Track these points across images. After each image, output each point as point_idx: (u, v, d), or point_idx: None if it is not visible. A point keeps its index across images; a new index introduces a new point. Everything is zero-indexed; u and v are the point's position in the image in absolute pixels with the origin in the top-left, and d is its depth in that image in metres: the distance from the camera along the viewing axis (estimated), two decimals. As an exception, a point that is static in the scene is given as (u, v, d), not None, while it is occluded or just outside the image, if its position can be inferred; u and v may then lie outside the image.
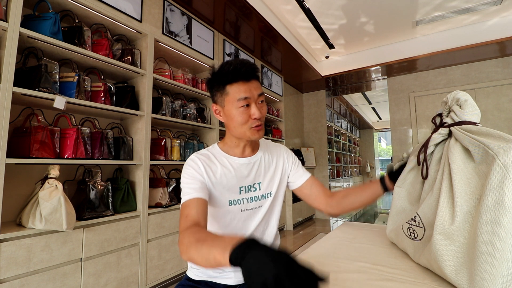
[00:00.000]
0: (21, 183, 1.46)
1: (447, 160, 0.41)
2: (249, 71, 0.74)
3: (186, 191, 0.72)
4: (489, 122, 3.48)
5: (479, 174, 0.36)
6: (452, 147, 0.41)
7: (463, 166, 0.37)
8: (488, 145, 0.34)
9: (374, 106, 6.71)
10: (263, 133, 0.78)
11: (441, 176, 0.42)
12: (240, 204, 0.80)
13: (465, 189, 0.36)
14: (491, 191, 0.33)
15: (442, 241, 0.37)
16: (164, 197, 1.95)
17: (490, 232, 0.32)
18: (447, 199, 0.38)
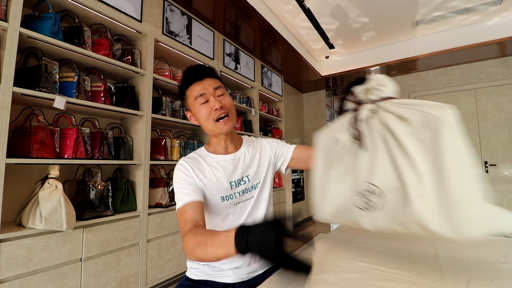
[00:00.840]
0: (21, 183, 1.46)
1: (388, 130, 0.45)
2: (199, 72, 0.82)
3: (179, 197, 0.76)
4: (489, 122, 3.48)
5: (418, 138, 0.41)
6: (388, 120, 0.46)
7: (405, 132, 0.43)
8: (431, 110, 0.41)
9: (374, 106, 6.71)
10: (231, 124, 0.82)
11: (385, 145, 0.46)
12: (233, 198, 0.83)
13: (418, 151, 0.42)
14: (449, 147, 0.40)
15: (419, 202, 0.42)
16: (164, 197, 1.95)
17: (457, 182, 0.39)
18: (406, 164, 0.43)
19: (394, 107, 0.46)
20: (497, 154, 3.42)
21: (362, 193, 0.48)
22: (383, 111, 0.47)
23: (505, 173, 3.37)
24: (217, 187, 0.82)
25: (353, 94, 0.52)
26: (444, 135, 0.41)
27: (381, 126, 0.47)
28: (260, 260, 0.47)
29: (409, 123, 0.44)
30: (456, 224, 0.39)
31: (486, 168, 3.46)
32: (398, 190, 0.44)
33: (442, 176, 0.41)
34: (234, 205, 0.84)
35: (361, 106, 0.49)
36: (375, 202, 0.46)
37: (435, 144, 0.41)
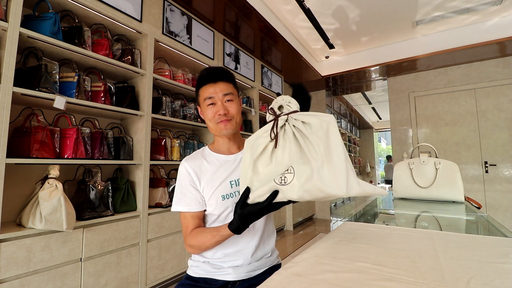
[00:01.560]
0: (21, 183, 1.46)
1: (298, 130, 0.67)
2: (215, 74, 0.86)
3: (184, 203, 0.85)
4: (489, 122, 3.48)
5: (317, 134, 0.64)
6: (296, 124, 0.68)
7: (308, 131, 0.65)
8: (322, 118, 0.65)
9: (374, 106, 6.71)
10: (231, 127, 0.86)
11: (295, 140, 0.67)
12: (233, 197, 0.85)
13: (317, 142, 0.63)
14: (333, 138, 0.63)
15: (319, 173, 0.61)
16: (164, 197, 1.95)
17: (338, 158, 0.61)
18: (312, 150, 0.63)
19: (300, 116, 0.68)
20: (497, 154, 3.42)
21: (282, 173, 0.66)
22: (293, 120, 0.69)
23: (505, 173, 3.37)
24: (218, 186, 0.85)
25: (272, 110, 0.73)
26: (331, 132, 0.64)
27: (293, 128, 0.68)
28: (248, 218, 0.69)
29: (310, 126, 0.66)
30: (342, 187, 0.59)
31: (486, 168, 3.46)
32: (305, 167, 0.63)
33: (331, 155, 0.62)
34: (234, 203, 0.84)
35: (279, 117, 0.71)
36: (287, 178, 0.65)
37: (326, 137, 0.64)
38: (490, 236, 0.77)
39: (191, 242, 0.81)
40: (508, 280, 0.47)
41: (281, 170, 0.66)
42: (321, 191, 0.60)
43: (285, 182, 0.65)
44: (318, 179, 0.61)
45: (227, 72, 0.88)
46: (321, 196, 0.61)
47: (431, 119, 3.87)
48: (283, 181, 0.65)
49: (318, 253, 0.62)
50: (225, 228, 0.73)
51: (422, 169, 1.44)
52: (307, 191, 0.62)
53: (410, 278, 0.48)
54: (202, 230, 0.80)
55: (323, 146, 0.62)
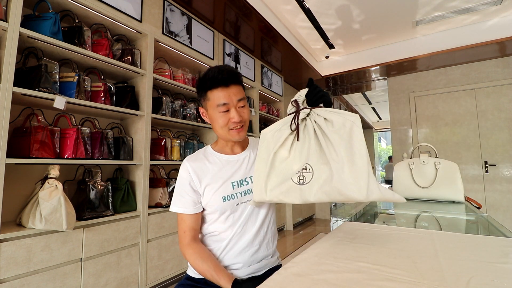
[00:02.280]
0: (21, 183, 1.46)
1: (319, 127, 0.65)
2: (228, 77, 0.79)
3: (181, 204, 0.84)
4: (489, 122, 3.48)
5: (338, 134, 0.61)
6: (318, 120, 0.65)
7: (330, 129, 0.63)
8: (347, 117, 0.62)
9: (374, 106, 6.71)
10: (244, 134, 0.84)
11: (315, 137, 0.65)
12: (234, 198, 0.84)
13: (338, 142, 0.61)
14: (357, 139, 0.60)
15: (339, 175, 0.59)
16: (164, 197, 1.95)
17: (361, 161, 0.59)
18: (331, 150, 0.61)
19: (323, 112, 0.65)
20: (497, 154, 3.42)
21: (300, 172, 0.64)
22: (315, 115, 0.66)
23: (505, 173, 3.37)
24: (219, 187, 0.83)
25: (296, 102, 0.71)
26: (355, 132, 0.61)
27: (314, 124, 0.66)
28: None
29: (332, 123, 0.63)
30: (362, 190, 0.56)
31: (486, 168, 3.46)
32: (325, 168, 0.62)
33: (353, 158, 0.59)
34: (235, 205, 0.84)
35: (301, 110, 0.69)
36: (306, 178, 0.63)
37: (349, 137, 0.61)
38: (490, 236, 0.77)
39: (187, 256, 0.81)
40: (508, 280, 0.47)
41: (298, 166, 0.64)
42: (341, 194, 0.58)
43: (304, 181, 0.63)
44: (338, 181, 0.58)
45: (238, 73, 0.83)
46: (339, 199, 0.59)
47: (431, 119, 3.87)
48: (301, 181, 0.63)
49: (318, 253, 0.62)
50: (226, 282, 0.73)
51: (422, 169, 1.44)
52: (325, 193, 0.60)
53: (410, 278, 0.48)
54: (203, 257, 0.79)
55: (344, 147, 0.60)
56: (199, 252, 0.80)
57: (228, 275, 0.76)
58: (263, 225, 0.88)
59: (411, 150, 3.02)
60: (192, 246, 0.82)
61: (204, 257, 0.79)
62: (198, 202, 0.85)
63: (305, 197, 0.62)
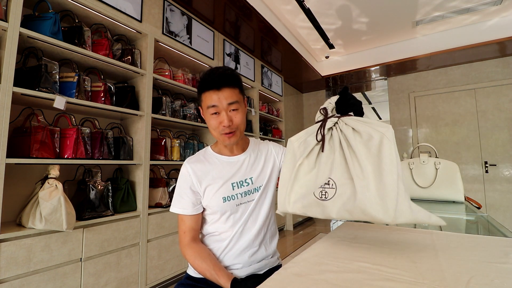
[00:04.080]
0: (21, 183, 1.46)
1: (345, 138, 0.61)
2: (220, 80, 0.78)
3: (181, 205, 0.85)
4: (489, 122, 3.48)
5: (366, 146, 0.57)
6: (345, 130, 0.61)
7: (357, 141, 0.58)
8: (377, 128, 0.58)
9: (374, 106, 6.70)
10: (235, 139, 0.82)
11: (341, 149, 0.61)
12: (235, 199, 0.84)
13: (366, 156, 0.56)
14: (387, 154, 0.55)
15: (363, 193, 0.55)
16: (164, 197, 1.95)
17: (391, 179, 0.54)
18: (356, 165, 0.57)
19: (351, 122, 0.61)
20: (497, 154, 3.42)
21: (323, 186, 0.61)
22: (343, 124, 0.63)
23: (505, 173, 3.37)
24: (219, 188, 0.84)
25: (325, 110, 0.68)
26: (385, 146, 0.56)
27: (341, 135, 0.62)
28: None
29: (360, 135, 0.59)
30: (389, 212, 0.52)
31: (486, 168, 3.46)
32: (349, 184, 0.58)
33: (381, 174, 0.55)
34: (236, 206, 0.85)
35: (328, 118, 0.65)
36: (328, 193, 0.60)
37: (378, 151, 0.56)
38: (490, 236, 0.77)
39: (186, 256, 0.82)
40: (508, 280, 0.47)
41: (322, 180, 0.61)
42: (365, 214, 0.54)
43: (326, 197, 0.60)
44: (362, 200, 0.54)
45: (232, 76, 0.80)
46: (364, 219, 0.55)
47: (431, 119, 3.87)
48: (323, 196, 0.60)
49: (318, 253, 0.62)
50: (225, 281, 0.73)
51: (422, 169, 1.44)
52: (348, 211, 0.56)
53: (410, 278, 0.48)
54: (203, 257, 0.79)
55: (372, 161, 0.55)
56: (199, 252, 0.81)
57: (227, 274, 0.76)
58: (263, 226, 0.88)
59: (411, 150, 3.02)
60: (191, 246, 0.82)
61: (203, 256, 0.80)
62: (198, 203, 0.86)
63: (327, 213, 0.59)
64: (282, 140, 3.78)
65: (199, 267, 0.79)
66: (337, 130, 0.63)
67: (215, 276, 0.75)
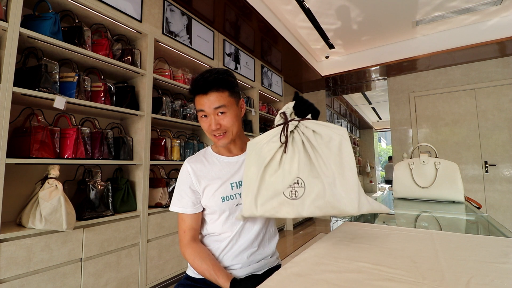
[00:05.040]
0: (21, 183, 1.46)
1: (307, 140, 0.65)
2: (206, 85, 0.78)
3: (181, 204, 0.86)
4: (489, 122, 3.48)
5: (328, 147, 0.62)
6: (306, 132, 0.65)
7: (319, 142, 0.63)
8: (335, 130, 0.63)
9: (374, 106, 6.71)
10: (226, 141, 0.83)
11: (305, 150, 0.65)
12: (233, 199, 0.85)
13: (328, 155, 0.61)
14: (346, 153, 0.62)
15: (331, 189, 0.60)
16: (164, 197, 1.95)
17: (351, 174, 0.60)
18: (322, 164, 0.62)
19: (311, 125, 0.66)
20: (497, 154, 3.42)
21: (292, 186, 0.63)
22: (303, 127, 0.67)
23: (505, 173, 3.37)
24: (218, 187, 0.84)
25: (284, 114, 0.71)
26: (344, 146, 0.62)
27: (303, 136, 0.66)
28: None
29: (321, 136, 0.64)
30: (354, 204, 0.58)
31: (486, 168, 3.46)
32: (315, 182, 0.61)
33: (343, 172, 0.60)
34: (234, 206, 0.85)
35: (289, 122, 0.68)
36: (298, 192, 0.62)
37: (338, 151, 0.62)
38: (490, 236, 0.77)
39: (186, 255, 0.83)
40: (508, 280, 0.47)
41: (289, 180, 0.63)
42: (334, 208, 0.59)
43: (296, 196, 0.62)
44: (331, 195, 0.59)
45: (219, 80, 0.79)
46: (332, 213, 0.60)
47: (431, 119, 3.87)
48: (293, 195, 0.62)
49: (318, 253, 0.62)
50: (225, 281, 0.73)
51: (422, 169, 1.44)
52: (318, 207, 0.60)
53: (410, 278, 0.48)
54: (202, 257, 0.80)
55: (334, 160, 0.61)
56: (198, 252, 0.81)
57: (226, 274, 0.76)
58: (263, 227, 0.88)
59: (411, 150, 3.02)
60: (191, 246, 0.83)
61: (203, 256, 0.80)
62: (198, 202, 0.86)
63: (298, 212, 0.62)
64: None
65: (199, 267, 0.79)
66: (298, 132, 0.67)
67: (214, 276, 0.76)
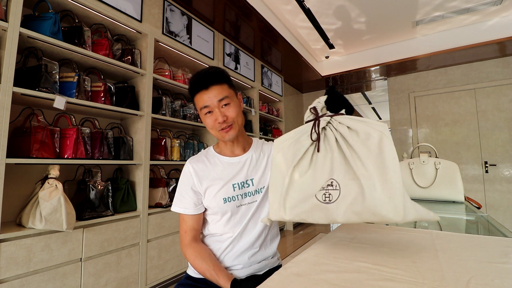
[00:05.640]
0: (21, 183, 1.46)
1: (342, 137, 0.59)
2: (205, 80, 0.80)
3: (182, 205, 0.85)
4: (489, 122, 3.48)
5: (365, 145, 0.55)
6: (340, 129, 0.59)
7: (355, 140, 0.57)
8: (374, 126, 0.57)
9: (374, 106, 6.71)
10: (233, 133, 0.83)
11: (339, 149, 0.58)
12: (235, 200, 0.84)
13: (366, 155, 0.54)
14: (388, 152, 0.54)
15: (371, 193, 0.53)
16: (164, 197, 1.95)
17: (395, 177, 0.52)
18: (359, 164, 0.55)
19: (345, 120, 0.60)
20: (497, 154, 3.42)
21: (326, 188, 0.57)
22: (337, 123, 0.61)
23: (505, 173, 3.37)
24: (220, 188, 0.84)
25: (315, 109, 0.65)
26: (385, 144, 0.55)
27: (336, 133, 0.59)
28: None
29: (358, 133, 0.57)
30: (399, 211, 0.51)
31: (486, 168, 3.46)
32: (352, 184, 0.55)
33: (385, 174, 0.53)
34: (236, 207, 0.84)
35: (320, 118, 0.63)
36: (332, 195, 0.56)
37: (379, 150, 0.55)
38: (490, 236, 0.77)
39: (187, 255, 0.82)
40: (508, 280, 0.47)
41: (322, 182, 0.57)
42: (374, 214, 0.52)
43: (330, 200, 0.56)
44: (371, 200, 0.52)
45: (217, 73, 0.82)
46: (372, 220, 0.53)
47: (431, 119, 3.87)
48: (327, 199, 0.56)
49: (318, 253, 0.62)
50: (225, 281, 0.73)
51: (422, 169, 1.44)
52: (356, 213, 0.53)
53: (410, 278, 0.48)
54: (203, 257, 0.80)
55: (373, 160, 0.54)
56: (199, 252, 0.81)
57: (227, 275, 0.76)
58: (264, 228, 0.88)
59: (411, 150, 3.02)
60: (192, 246, 0.82)
61: (204, 256, 0.80)
62: (199, 203, 0.86)
63: (332, 217, 0.55)
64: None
65: (199, 267, 0.79)
66: (331, 129, 0.61)
67: (215, 277, 0.75)
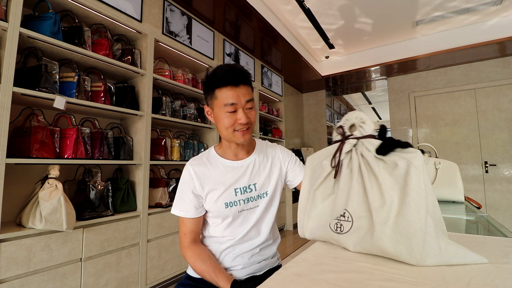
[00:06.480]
0: (21, 183, 1.46)
1: (366, 164, 0.53)
2: (238, 76, 0.76)
3: (182, 208, 0.83)
4: (489, 122, 3.48)
5: (392, 175, 0.50)
6: (366, 154, 0.53)
7: (381, 168, 0.51)
8: (401, 154, 0.50)
9: (374, 106, 6.71)
10: (249, 136, 0.80)
11: (360, 176, 0.53)
12: (237, 205, 0.82)
13: (391, 186, 0.49)
14: (414, 185, 0.47)
15: (380, 227, 0.48)
16: (164, 197, 1.95)
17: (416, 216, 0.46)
18: (377, 195, 0.50)
19: (372, 146, 0.54)
20: (497, 154, 3.42)
21: (338, 218, 0.55)
22: (363, 147, 0.55)
23: (505, 173, 3.37)
24: (222, 193, 0.82)
25: (342, 128, 0.60)
26: (411, 176, 0.48)
27: (361, 160, 0.54)
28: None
29: (384, 161, 0.52)
30: (414, 253, 0.47)
31: (486, 168, 3.46)
32: (366, 217, 0.51)
33: (406, 209, 0.47)
34: (238, 212, 0.83)
35: (346, 140, 0.57)
36: (344, 227, 0.54)
37: (404, 182, 0.48)
38: (490, 236, 0.77)
39: (187, 257, 0.82)
40: (509, 281, 0.47)
41: (339, 210, 0.55)
42: (384, 253, 0.48)
43: (341, 231, 0.54)
44: (381, 237, 0.48)
45: (248, 74, 0.79)
46: (388, 257, 0.49)
47: (431, 119, 3.87)
48: (338, 229, 0.55)
49: (318, 253, 0.62)
50: (225, 283, 0.73)
51: (422, 169, 1.44)
52: (366, 249, 0.51)
53: (411, 278, 0.48)
54: (203, 258, 0.79)
55: (398, 194, 0.48)
56: (199, 253, 0.80)
57: (227, 276, 0.76)
58: (267, 234, 0.87)
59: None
60: (192, 248, 0.82)
61: (203, 258, 0.79)
62: (200, 206, 0.84)
63: (345, 246, 0.55)
64: (282, 140, 3.78)
65: (199, 269, 0.78)
66: (356, 153, 0.55)
67: (215, 278, 0.75)
